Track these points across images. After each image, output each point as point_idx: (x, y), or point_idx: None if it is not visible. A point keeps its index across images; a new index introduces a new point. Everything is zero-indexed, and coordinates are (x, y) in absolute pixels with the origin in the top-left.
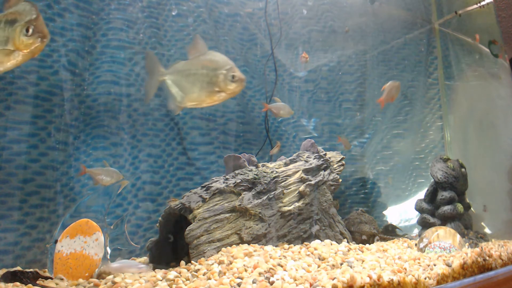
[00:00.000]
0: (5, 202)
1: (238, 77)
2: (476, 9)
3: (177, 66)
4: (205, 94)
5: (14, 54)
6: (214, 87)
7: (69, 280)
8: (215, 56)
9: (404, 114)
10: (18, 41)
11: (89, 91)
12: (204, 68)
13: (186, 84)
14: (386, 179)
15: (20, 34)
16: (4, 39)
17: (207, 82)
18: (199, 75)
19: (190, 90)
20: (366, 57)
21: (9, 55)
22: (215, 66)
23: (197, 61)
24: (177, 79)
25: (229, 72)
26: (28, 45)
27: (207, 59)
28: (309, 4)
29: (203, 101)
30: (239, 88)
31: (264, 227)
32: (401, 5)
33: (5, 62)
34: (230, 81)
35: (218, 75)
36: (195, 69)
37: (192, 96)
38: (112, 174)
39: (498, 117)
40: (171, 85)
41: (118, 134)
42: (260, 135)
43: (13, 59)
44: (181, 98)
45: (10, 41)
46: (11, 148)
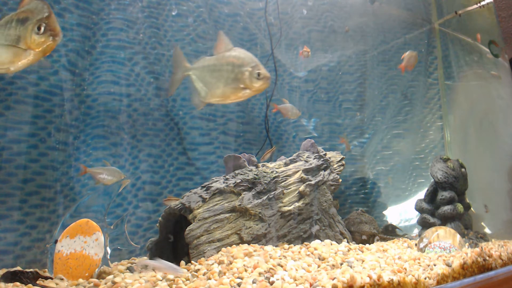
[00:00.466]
0: (5, 202)
1: (264, 75)
2: (476, 9)
3: (202, 61)
4: (230, 91)
5: (26, 53)
6: (239, 83)
7: (69, 280)
8: (241, 53)
9: (404, 114)
10: (30, 40)
11: (89, 91)
12: (230, 64)
13: (211, 80)
14: (386, 179)
15: (32, 33)
16: (16, 38)
17: (233, 78)
18: (224, 71)
19: (214, 86)
20: (366, 57)
21: (20, 54)
22: (241, 62)
23: (222, 57)
24: (201, 75)
25: (254, 69)
26: (40, 43)
27: (232, 55)
28: (309, 4)
29: (228, 97)
30: (264, 86)
31: (264, 227)
32: (401, 5)
33: (16, 62)
34: (256, 78)
35: (244, 72)
36: (220, 65)
37: (217, 92)
38: (113, 173)
39: (498, 117)
40: (196, 80)
41: (118, 134)
42: (260, 135)
43: (24, 58)
44: (205, 93)
45: (22, 40)
46: (11, 148)
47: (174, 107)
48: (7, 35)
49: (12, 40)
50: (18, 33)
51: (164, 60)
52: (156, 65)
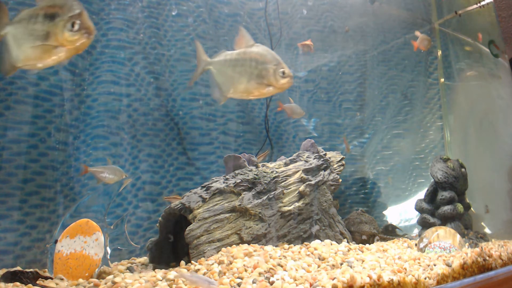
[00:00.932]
0: (5, 202)
1: (288, 73)
2: (476, 9)
3: (223, 56)
4: (254, 87)
5: (57, 50)
6: (263, 80)
7: (69, 280)
8: (264, 50)
9: (404, 114)
10: (62, 37)
11: (89, 91)
12: (253, 60)
13: (233, 75)
14: (386, 179)
15: (64, 30)
16: (43, 34)
17: (256, 74)
18: (247, 66)
19: (237, 81)
20: (366, 57)
21: (50, 51)
22: (264, 59)
23: (244, 52)
24: (222, 69)
25: (278, 67)
26: (74, 41)
27: (255, 51)
28: (309, 4)
29: (251, 94)
30: (288, 84)
31: (264, 227)
32: (401, 5)
33: (45, 58)
34: (281, 76)
35: (268, 69)
36: (243, 61)
37: (240, 87)
38: (115, 171)
39: (498, 117)
40: (217, 75)
41: (118, 134)
42: (260, 135)
43: (55, 55)
44: (228, 88)
45: (52, 37)
46: (11, 148)
47: (174, 107)
48: (33, 30)
49: (40, 36)
50: (46, 29)
51: (164, 60)
52: (156, 65)
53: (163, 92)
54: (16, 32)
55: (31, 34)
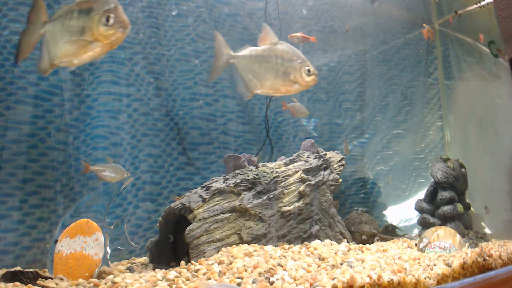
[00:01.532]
0: (5, 202)
1: (313, 71)
2: (476, 9)
3: (248, 51)
4: (280, 84)
5: (92, 45)
6: (289, 77)
7: (69, 280)
8: (289, 47)
9: (404, 114)
10: (97, 32)
11: (89, 91)
12: (279, 57)
13: (260, 71)
14: (386, 179)
15: (99, 24)
16: (79, 29)
17: (283, 72)
18: (274, 63)
19: (264, 78)
20: (366, 57)
21: (85, 46)
22: (290, 57)
23: (270, 49)
24: (248, 64)
25: (303, 65)
26: (109, 36)
27: (281, 49)
28: (309, 4)
29: (277, 90)
30: (314, 82)
31: (264, 227)
32: (401, 5)
33: (81, 54)
34: (306, 74)
35: (294, 66)
36: (269, 57)
37: (267, 83)
38: (116, 170)
39: (498, 117)
40: (242, 70)
41: (118, 134)
42: (260, 135)
43: (90, 51)
44: (254, 84)
45: (87, 31)
46: (11, 148)
47: (174, 107)
48: (69, 26)
49: (76, 31)
50: (82, 24)
51: (164, 60)
52: (156, 65)
53: (163, 92)
54: (53, 29)
55: (67, 30)
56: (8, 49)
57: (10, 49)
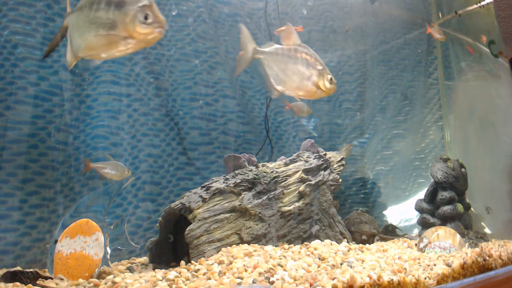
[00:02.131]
0: (5, 202)
1: (334, 80)
2: (476, 9)
3: (274, 49)
4: (306, 86)
5: (126, 41)
6: (313, 81)
7: (69, 280)
8: (312, 52)
9: (404, 114)
10: (133, 29)
11: (89, 91)
12: (304, 61)
13: (286, 71)
14: (386, 179)
15: (135, 21)
16: (110, 23)
17: (308, 75)
18: (300, 65)
19: (289, 78)
20: (366, 57)
21: (118, 42)
22: (315, 61)
23: (296, 50)
24: (275, 62)
25: (326, 72)
26: (146, 34)
27: (305, 52)
28: (309, 4)
29: (301, 93)
30: (333, 90)
31: (264, 227)
32: (401, 5)
33: (111, 49)
34: (328, 82)
35: (319, 72)
36: (296, 58)
37: (292, 84)
38: (117, 167)
39: (498, 117)
40: (268, 66)
41: (118, 134)
42: (260, 135)
43: (123, 47)
44: (280, 83)
45: (120, 27)
46: (11, 148)
47: (174, 107)
48: (95, 17)
49: (105, 25)
50: (113, 17)
51: (164, 60)
52: (156, 65)
53: (163, 92)
54: (77, 20)
55: (93, 22)
56: (8, 49)
57: (10, 49)
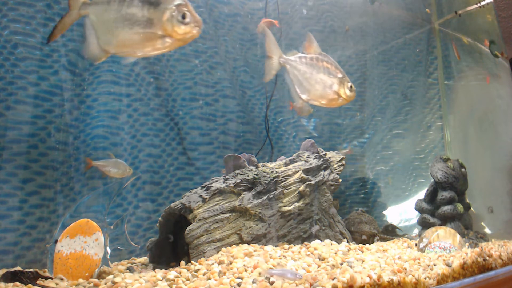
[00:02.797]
0: (5, 202)
1: (353, 88)
2: (476, 9)
3: (298, 58)
4: (328, 94)
5: (163, 40)
6: (335, 90)
7: (69, 280)
8: (331, 60)
9: (404, 114)
10: (171, 28)
11: (89, 91)
12: (326, 69)
13: (310, 80)
14: (386, 179)
15: (173, 20)
16: (144, 20)
17: (330, 84)
18: (322, 73)
19: (312, 87)
20: (366, 57)
21: (154, 40)
22: (336, 70)
23: (317, 59)
24: (300, 71)
25: (346, 80)
26: (184, 33)
27: (326, 60)
28: (309, 4)
29: (324, 101)
30: (353, 98)
31: (264, 227)
32: (401, 5)
33: (147, 47)
34: (349, 90)
35: (340, 80)
36: (318, 68)
37: (316, 93)
38: (119, 165)
39: (498, 117)
40: (292, 75)
41: (118, 134)
42: (260, 135)
43: (160, 45)
44: (304, 91)
45: (158, 25)
46: (11, 148)
47: (174, 107)
48: (128, 14)
49: (139, 22)
50: (148, 15)
51: (164, 60)
52: (156, 65)
53: (163, 92)
54: (104, 14)
55: (127, 19)
56: (8, 49)
57: (10, 49)
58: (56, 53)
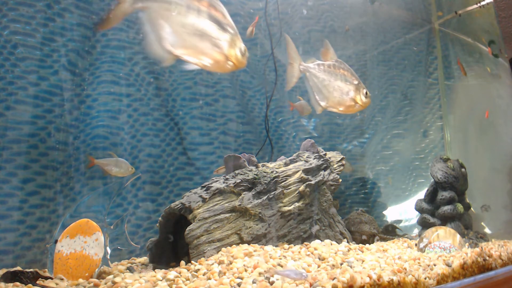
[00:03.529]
0: (5, 202)
1: (369, 94)
2: (476, 9)
3: (316, 65)
4: (346, 101)
5: (227, 62)
6: (352, 96)
7: (69, 280)
8: (347, 67)
9: (404, 114)
10: (235, 56)
11: (89, 91)
12: (343, 76)
13: (328, 87)
14: (386, 179)
15: (236, 50)
16: (213, 41)
17: (347, 91)
18: (339, 81)
19: (331, 94)
20: (366, 57)
21: (221, 60)
22: (352, 77)
23: (334, 66)
24: (318, 78)
25: (361, 86)
26: (242, 63)
27: (343, 67)
28: (309, 4)
29: (342, 108)
30: (368, 104)
31: (264, 227)
32: (401, 5)
33: (212, 62)
34: (364, 96)
35: (356, 86)
36: (336, 75)
37: (334, 100)
38: (121, 164)
39: (498, 117)
40: (312, 82)
41: (118, 134)
42: (260, 135)
43: (223, 65)
44: (323, 98)
45: (223, 48)
46: (11, 148)
47: (174, 107)
48: (199, 27)
49: (209, 38)
50: (217, 36)
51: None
52: (156, 65)
53: (163, 92)
54: (170, 15)
55: (197, 30)
56: (8, 49)
57: (10, 49)
58: (56, 53)
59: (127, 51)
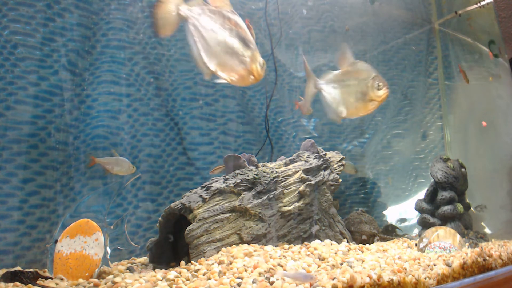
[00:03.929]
0: (5, 202)
1: (383, 84)
2: (476, 9)
3: (329, 79)
4: (362, 105)
5: (249, 77)
6: (365, 96)
7: (69, 280)
8: (361, 66)
9: (404, 114)
10: (255, 69)
11: (89, 91)
12: (355, 79)
13: (343, 96)
14: (386, 179)
15: (256, 64)
16: (241, 55)
17: (360, 93)
18: (351, 86)
19: (348, 102)
20: (366, 57)
21: (245, 75)
22: (362, 76)
23: (347, 72)
24: (333, 91)
25: (374, 80)
26: (259, 76)
27: (355, 70)
28: (309, 4)
29: (360, 111)
30: (386, 94)
31: (264, 227)
32: (401, 5)
33: (239, 78)
34: (377, 89)
35: (367, 85)
36: (348, 81)
37: (350, 107)
38: (122, 163)
39: (498, 117)
40: (328, 96)
41: (118, 134)
42: (260, 135)
43: (248, 80)
44: (340, 109)
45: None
46: (11, 148)
47: (174, 107)
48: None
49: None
50: (243, 53)
51: (164, 60)
52: (156, 65)
53: (163, 92)
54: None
55: (225, 51)
56: (8, 49)
57: (10, 49)
58: (56, 53)
59: (127, 51)
